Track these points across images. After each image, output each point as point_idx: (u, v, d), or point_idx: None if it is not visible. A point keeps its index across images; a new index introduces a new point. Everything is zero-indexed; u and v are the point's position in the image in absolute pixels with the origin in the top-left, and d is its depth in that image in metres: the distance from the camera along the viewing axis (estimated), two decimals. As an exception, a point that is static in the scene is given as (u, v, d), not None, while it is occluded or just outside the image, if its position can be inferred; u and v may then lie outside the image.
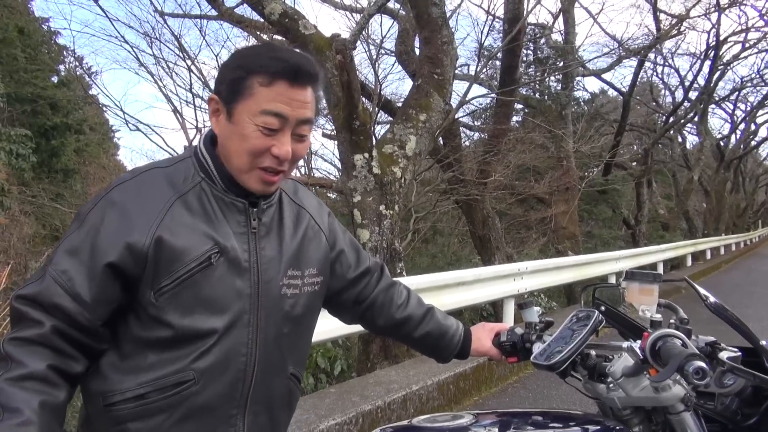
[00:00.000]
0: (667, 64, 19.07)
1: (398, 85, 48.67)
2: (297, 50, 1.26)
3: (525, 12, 8.77)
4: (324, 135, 10.17)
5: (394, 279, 1.50)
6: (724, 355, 1.24)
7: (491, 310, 8.34)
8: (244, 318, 1.11)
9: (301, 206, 1.27)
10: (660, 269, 12.23)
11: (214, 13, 8.28)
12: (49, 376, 0.98)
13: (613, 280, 8.57)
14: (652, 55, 16.87)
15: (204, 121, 13.31)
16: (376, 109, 8.86)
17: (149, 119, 46.86)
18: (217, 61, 14.30)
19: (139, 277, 1.05)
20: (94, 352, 1.07)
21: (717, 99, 21.81)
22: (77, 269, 1.03)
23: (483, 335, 1.47)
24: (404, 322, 1.44)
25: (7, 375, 0.96)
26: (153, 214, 1.06)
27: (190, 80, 9.86)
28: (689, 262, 15.07)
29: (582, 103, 20.70)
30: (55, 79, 20.33)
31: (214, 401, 1.09)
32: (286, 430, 1.27)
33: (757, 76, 20.07)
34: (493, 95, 11.08)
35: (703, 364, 1.08)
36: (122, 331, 1.08)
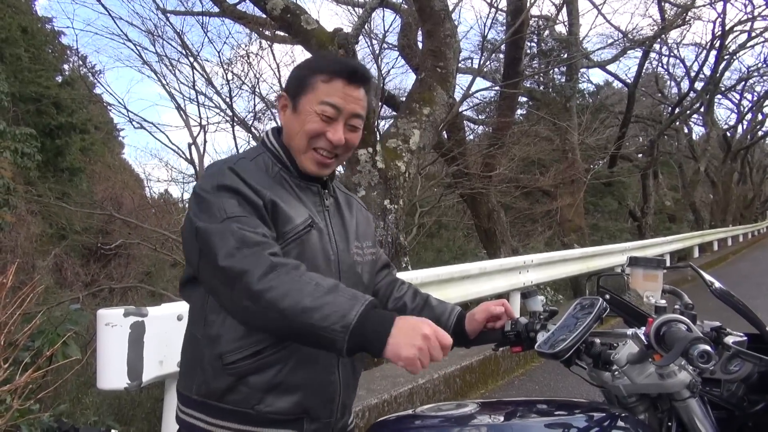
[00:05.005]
0: (672, 54, 18.91)
1: (401, 79, 48.39)
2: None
3: (528, 4, 8.73)
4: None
5: (397, 276, 1.62)
6: (729, 340, 1.23)
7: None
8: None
9: (349, 194, 1.52)
10: (667, 261, 12.18)
11: (216, 9, 8.27)
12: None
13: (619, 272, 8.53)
14: (657, 46, 16.73)
15: (207, 117, 13.33)
16: (380, 103, 8.83)
17: (153, 117, 46.85)
18: (219, 57, 14.34)
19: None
20: None
21: (723, 89, 21.62)
22: (248, 215, 1.19)
23: (477, 312, 1.47)
24: (398, 312, 1.47)
25: (291, 266, 1.14)
26: (265, 183, 1.25)
27: (193, 77, 9.79)
28: (696, 254, 15.02)
29: (587, 95, 20.56)
30: (59, 78, 20.38)
31: (318, 352, 1.22)
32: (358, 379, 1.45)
33: (764, 65, 19.96)
34: (496, 88, 11.03)
35: (708, 348, 1.07)
36: None
